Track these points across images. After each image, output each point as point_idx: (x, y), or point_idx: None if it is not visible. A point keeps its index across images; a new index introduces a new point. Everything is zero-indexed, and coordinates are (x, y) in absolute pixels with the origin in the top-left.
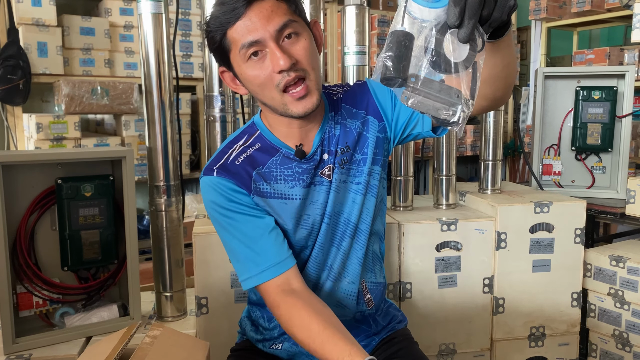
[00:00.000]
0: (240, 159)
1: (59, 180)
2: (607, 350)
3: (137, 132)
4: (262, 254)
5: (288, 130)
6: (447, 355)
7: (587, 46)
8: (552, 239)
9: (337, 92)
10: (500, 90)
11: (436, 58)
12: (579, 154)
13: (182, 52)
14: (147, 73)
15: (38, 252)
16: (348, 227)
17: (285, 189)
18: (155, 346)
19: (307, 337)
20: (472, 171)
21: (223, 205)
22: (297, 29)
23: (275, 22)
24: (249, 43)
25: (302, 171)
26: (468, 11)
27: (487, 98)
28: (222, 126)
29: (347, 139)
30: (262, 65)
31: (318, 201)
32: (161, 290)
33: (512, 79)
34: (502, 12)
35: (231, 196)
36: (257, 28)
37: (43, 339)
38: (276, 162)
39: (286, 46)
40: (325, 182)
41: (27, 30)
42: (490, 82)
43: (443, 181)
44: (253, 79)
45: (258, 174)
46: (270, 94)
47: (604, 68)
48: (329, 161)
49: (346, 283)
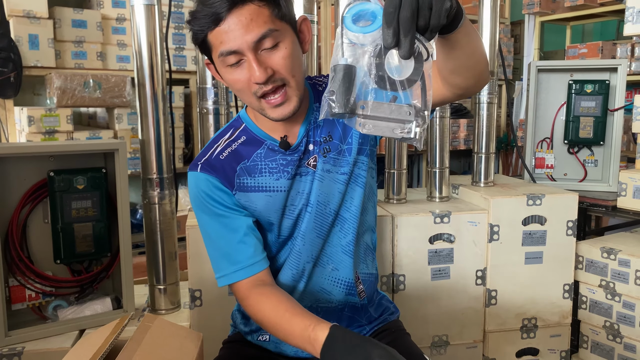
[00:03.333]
0: (225, 153)
1: (51, 173)
2: (598, 342)
3: (129, 125)
4: (237, 254)
5: (273, 123)
6: (440, 346)
7: (580, 40)
8: (545, 232)
9: (322, 83)
10: (471, 79)
11: (381, 82)
12: (572, 147)
13: (175, 44)
14: (139, 66)
15: (30, 245)
16: (332, 217)
17: (270, 182)
18: (148, 337)
19: (274, 321)
20: (465, 165)
21: (204, 202)
22: (278, 38)
23: (253, 33)
24: (227, 52)
25: (287, 163)
26: (402, 29)
27: (460, 87)
28: (215, 119)
29: (330, 129)
30: (241, 72)
31: (304, 191)
32: (154, 283)
33: (482, 66)
34: (439, 18)
35: (213, 194)
36: (235, 37)
37: (36, 331)
38: (261, 155)
39: (264, 56)
40: (310, 172)
41: (18, 22)
42: (458, 73)
43: (436, 174)
44: (232, 83)
45: (242, 168)
46: (248, 99)
47: (597, 62)
48: (314, 151)
49: (330, 270)
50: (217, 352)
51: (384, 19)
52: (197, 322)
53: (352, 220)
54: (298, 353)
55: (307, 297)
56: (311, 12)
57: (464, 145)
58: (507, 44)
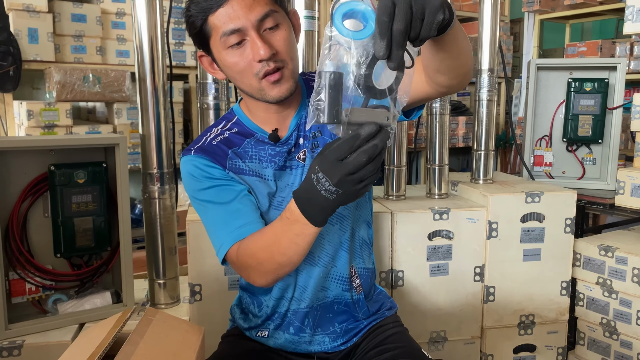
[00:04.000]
0: (217, 140)
1: (51, 167)
2: (594, 339)
3: (129, 120)
4: (235, 213)
5: (265, 116)
6: (438, 342)
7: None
8: (543, 229)
9: None
10: (455, 79)
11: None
12: (570, 145)
13: (175, 39)
14: (140, 60)
15: (30, 239)
16: None
17: (259, 168)
18: (150, 330)
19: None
20: (464, 163)
21: (198, 178)
22: (278, 20)
23: (257, 12)
24: (230, 31)
25: (275, 154)
26: (394, 42)
27: (443, 85)
28: (215, 114)
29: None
30: (243, 53)
31: (294, 184)
32: (154, 278)
33: (466, 68)
34: (429, 30)
35: (205, 171)
36: (238, 16)
37: (36, 325)
38: (251, 144)
39: (267, 36)
40: (300, 165)
41: (17, 16)
42: (443, 72)
43: (436, 171)
44: (233, 66)
45: (234, 152)
46: (248, 82)
47: (596, 60)
48: (304, 145)
49: (324, 265)
50: (216, 346)
51: (377, 29)
52: (196, 317)
53: (346, 216)
54: (296, 348)
55: (302, 292)
56: (312, 8)
57: (463, 143)
58: (506, 41)
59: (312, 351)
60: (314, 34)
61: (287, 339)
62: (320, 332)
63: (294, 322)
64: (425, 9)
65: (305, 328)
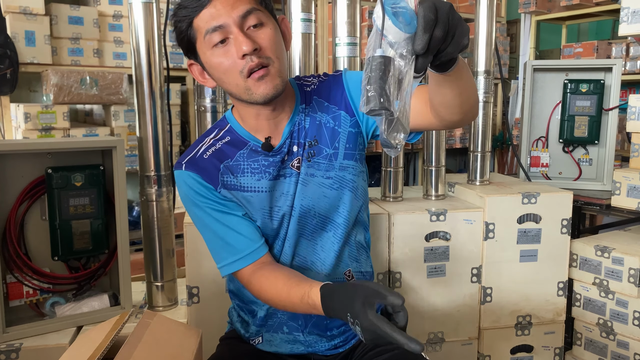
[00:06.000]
0: (208, 152)
1: (49, 170)
2: (591, 339)
3: (126, 122)
4: (235, 244)
5: (257, 122)
6: (435, 343)
7: (576, 40)
8: (539, 230)
9: (311, 84)
10: (457, 115)
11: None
12: (567, 146)
13: (172, 42)
14: (137, 63)
15: (28, 241)
16: (319, 220)
17: (252, 182)
18: (148, 333)
19: (277, 299)
20: (460, 163)
21: (193, 199)
22: (262, 19)
23: (239, 9)
24: (213, 28)
25: (269, 164)
26: (431, 45)
27: (445, 120)
28: (212, 117)
29: (316, 133)
30: (227, 52)
31: (288, 193)
32: (152, 280)
33: (468, 106)
34: (455, 48)
35: (199, 190)
36: (221, 14)
37: (33, 328)
38: (243, 156)
39: (250, 33)
40: (294, 173)
41: (14, 18)
42: (445, 106)
43: (432, 172)
44: (218, 66)
45: (225, 167)
46: (234, 81)
47: (592, 61)
48: (298, 153)
49: (318, 270)
50: (214, 349)
51: (422, 24)
52: (194, 319)
53: (342, 223)
54: (293, 350)
55: None
56: (309, 11)
57: (460, 144)
58: (503, 42)
59: (309, 353)
60: (311, 37)
61: (283, 338)
62: (317, 335)
63: (290, 325)
64: (457, 28)
65: (301, 331)
